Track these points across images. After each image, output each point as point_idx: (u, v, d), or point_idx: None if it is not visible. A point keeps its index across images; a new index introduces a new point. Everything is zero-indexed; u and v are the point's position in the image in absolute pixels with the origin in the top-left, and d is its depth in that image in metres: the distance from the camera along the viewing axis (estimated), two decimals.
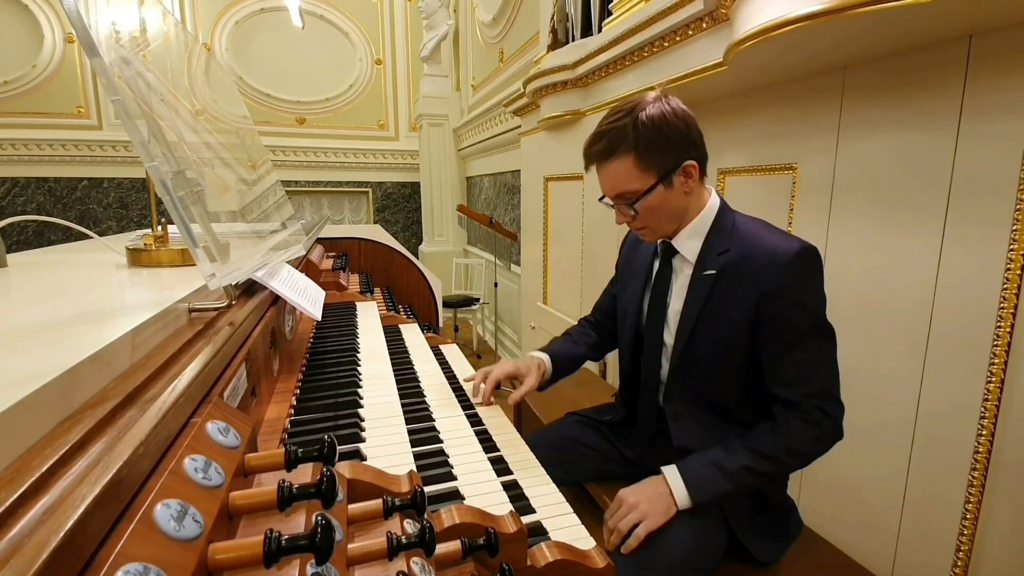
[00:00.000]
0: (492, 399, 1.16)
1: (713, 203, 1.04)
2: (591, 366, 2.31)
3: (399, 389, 1.10)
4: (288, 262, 1.26)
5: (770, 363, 0.98)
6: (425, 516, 0.58)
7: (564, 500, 0.80)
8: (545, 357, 1.28)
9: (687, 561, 0.94)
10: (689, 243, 1.04)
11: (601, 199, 1.06)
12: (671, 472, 0.99)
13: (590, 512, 1.22)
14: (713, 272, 1.00)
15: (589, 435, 1.28)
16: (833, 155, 1.32)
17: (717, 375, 1.03)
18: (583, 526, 0.74)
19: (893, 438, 1.22)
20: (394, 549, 0.51)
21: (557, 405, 1.80)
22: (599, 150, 0.99)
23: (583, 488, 1.29)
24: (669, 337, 1.08)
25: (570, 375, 1.34)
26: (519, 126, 3.18)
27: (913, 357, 1.17)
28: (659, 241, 1.11)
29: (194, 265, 0.77)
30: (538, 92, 2.45)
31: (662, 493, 0.97)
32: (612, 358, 1.87)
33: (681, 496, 0.96)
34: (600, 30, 2.10)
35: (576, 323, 1.43)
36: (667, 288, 1.09)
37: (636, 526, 0.94)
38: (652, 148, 0.95)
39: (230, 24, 5.95)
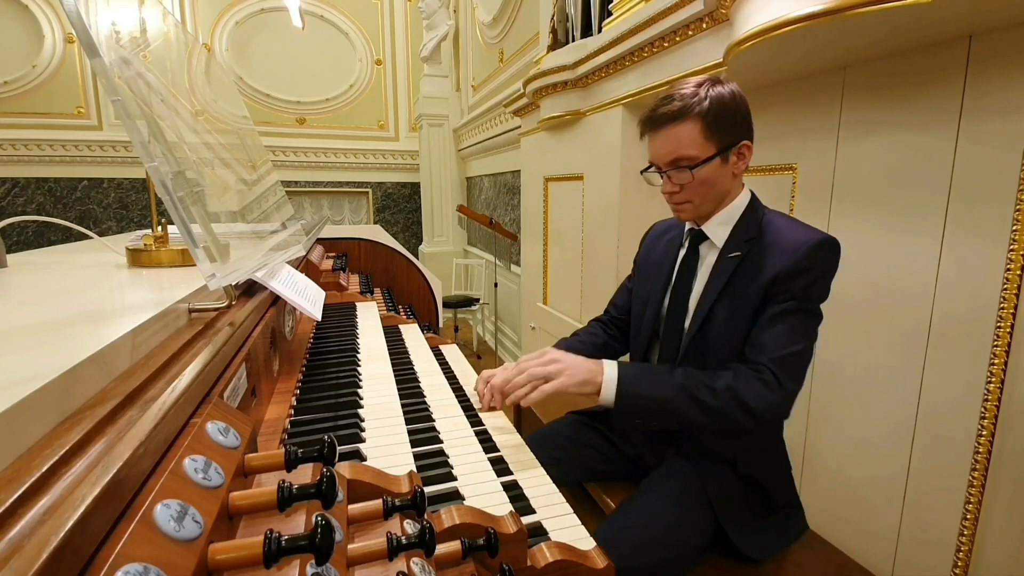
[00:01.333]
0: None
1: (746, 195, 1.07)
2: None
3: (399, 389, 1.10)
4: (288, 262, 1.26)
5: (756, 330, 0.99)
6: (425, 516, 0.58)
7: (564, 500, 0.79)
8: None
9: (668, 535, 0.95)
10: (719, 229, 1.07)
11: (645, 170, 1.06)
12: (609, 362, 1.02)
13: (590, 512, 1.22)
14: (738, 254, 1.02)
15: (589, 435, 1.28)
16: (833, 155, 1.32)
17: (727, 359, 1.03)
18: (583, 526, 0.74)
19: (893, 438, 1.22)
20: (394, 549, 0.50)
21: (557, 405, 1.80)
22: (669, 111, 0.99)
23: (583, 488, 1.29)
24: (688, 321, 1.09)
25: None
26: (519, 126, 3.18)
27: (913, 357, 1.17)
28: (687, 229, 1.13)
29: (194, 265, 0.77)
30: (538, 92, 2.46)
31: (591, 368, 1.00)
32: None
33: (609, 379, 0.98)
34: (600, 30, 2.10)
35: (586, 324, 1.42)
36: (693, 275, 1.11)
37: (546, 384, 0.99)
38: (720, 120, 0.97)
39: (230, 24, 5.96)
